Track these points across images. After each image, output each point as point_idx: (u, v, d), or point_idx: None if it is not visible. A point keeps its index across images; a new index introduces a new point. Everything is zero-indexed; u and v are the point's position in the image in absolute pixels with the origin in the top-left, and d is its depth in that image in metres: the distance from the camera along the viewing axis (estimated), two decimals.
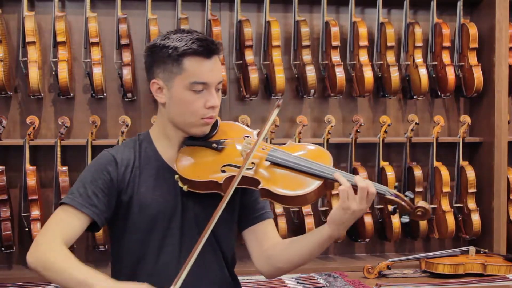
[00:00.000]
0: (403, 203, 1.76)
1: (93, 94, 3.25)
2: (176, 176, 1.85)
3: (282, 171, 1.81)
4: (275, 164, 1.82)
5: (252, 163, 1.81)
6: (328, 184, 1.79)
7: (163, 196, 1.86)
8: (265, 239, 1.95)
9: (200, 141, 1.90)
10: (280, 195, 1.76)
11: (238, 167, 1.80)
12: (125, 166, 1.87)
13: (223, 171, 1.82)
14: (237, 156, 1.85)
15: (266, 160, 1.82)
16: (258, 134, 1.90)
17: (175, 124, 1.89)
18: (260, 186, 1.78)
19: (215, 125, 1.92)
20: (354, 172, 3.35)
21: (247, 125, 2.95)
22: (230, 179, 1.78)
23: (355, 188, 1.73)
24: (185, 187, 1.82)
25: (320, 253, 1.99)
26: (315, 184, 1.76)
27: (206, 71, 1.82)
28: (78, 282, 1.67)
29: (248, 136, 1.92)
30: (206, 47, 1.82)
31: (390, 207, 1.79)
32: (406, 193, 1.78)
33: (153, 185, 1.87)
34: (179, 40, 1.82)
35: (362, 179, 1.74)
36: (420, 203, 1.77)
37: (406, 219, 1.78)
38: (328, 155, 1.87)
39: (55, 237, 1.76)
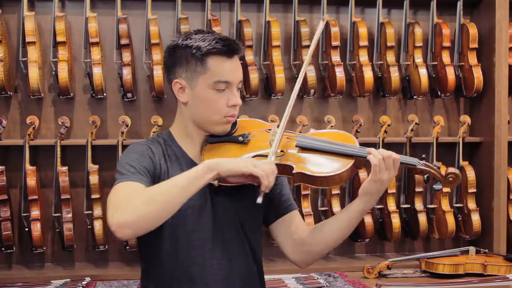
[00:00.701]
0: (433, 171, 1.87)
1: (93, 94, 3.25)
2: None
3: (313, 155, 1.86)
4: (304, 148, 1.87)
5: (282, 151, 1.86)
6: (358, 162, 1.86)
7: None
8: (295, 228, 2.00)
9: (224, 137, 1.93)
10: (316, 176, 1.82)
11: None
12: (157, 157, 1.89)
13: None
14: (265, 146, 1.89)
15: (296, 146, 1.88)
16: (277, 127, 1.93)
17: (197, 123, 1.92)
18: (294, 171, 1.82)
19: (234, 123, 1.96)
20: None
21: None
22: None
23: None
24: (215, 182, 1.84)
25: None
26: (347, 163, 1.84)
27: (229, 70, 1.86)
28: (195, 177, 1.67)
29: (269, 130, 1.95)
30: (229, 47, 1.86)
31: (423, 177, 1.90)
32: (434, 163, 1.88)
33: None
34: (202, 40, 1.85)
35: (383, 150, 1.84)
36: (450, 169, 1.89)
37: (439, 186, 1.89)
38: (352, 136, 1.94)
39: (130, 190, 1.72)
